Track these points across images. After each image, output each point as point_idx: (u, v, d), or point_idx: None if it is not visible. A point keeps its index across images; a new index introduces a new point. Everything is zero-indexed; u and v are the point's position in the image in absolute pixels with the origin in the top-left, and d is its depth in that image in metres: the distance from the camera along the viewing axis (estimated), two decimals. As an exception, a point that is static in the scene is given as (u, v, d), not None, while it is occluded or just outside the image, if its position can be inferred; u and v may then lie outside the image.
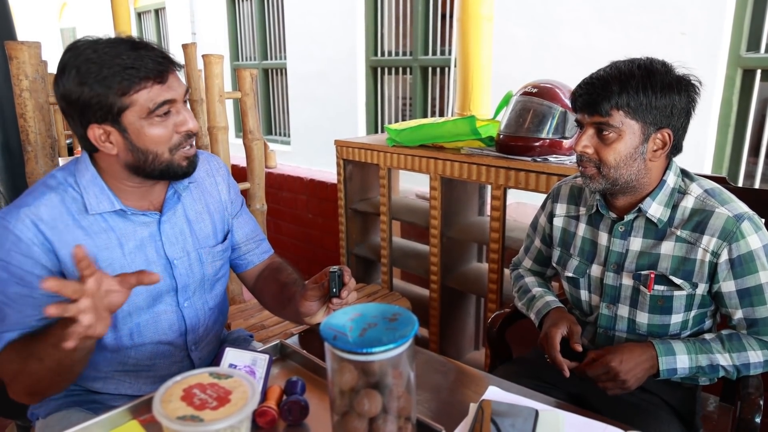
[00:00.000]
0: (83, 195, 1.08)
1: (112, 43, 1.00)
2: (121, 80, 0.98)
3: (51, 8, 9.93)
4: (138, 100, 1.00)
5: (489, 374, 1.11)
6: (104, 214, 1.10)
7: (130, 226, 1.12)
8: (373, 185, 2.78)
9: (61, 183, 1.09)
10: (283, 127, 5.73)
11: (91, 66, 0.98)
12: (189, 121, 1.07)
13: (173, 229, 1.18)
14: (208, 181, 1.28)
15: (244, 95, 2.28)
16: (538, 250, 1.52)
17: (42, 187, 1.09)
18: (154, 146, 1.05)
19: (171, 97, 1.03)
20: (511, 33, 3.42)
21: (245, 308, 2.26)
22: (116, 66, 0.98)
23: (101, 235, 1.09)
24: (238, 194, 1.37)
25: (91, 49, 0.99)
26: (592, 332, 1.37)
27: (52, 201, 1.06)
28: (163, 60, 1.02)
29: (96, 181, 1.09)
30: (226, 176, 1.33)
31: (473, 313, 2.63)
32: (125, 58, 0.98)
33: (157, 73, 1.01)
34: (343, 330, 0.70)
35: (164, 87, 1.02)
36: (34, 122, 1.56)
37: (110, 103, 0.99)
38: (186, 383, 0.81)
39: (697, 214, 1.20)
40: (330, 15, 4.68)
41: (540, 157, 1.94)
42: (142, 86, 1.00)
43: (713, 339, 1.20)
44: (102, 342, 1.15)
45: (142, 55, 1.00)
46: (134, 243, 1.13)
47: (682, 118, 1.18)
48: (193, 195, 1.23)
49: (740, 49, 2.84)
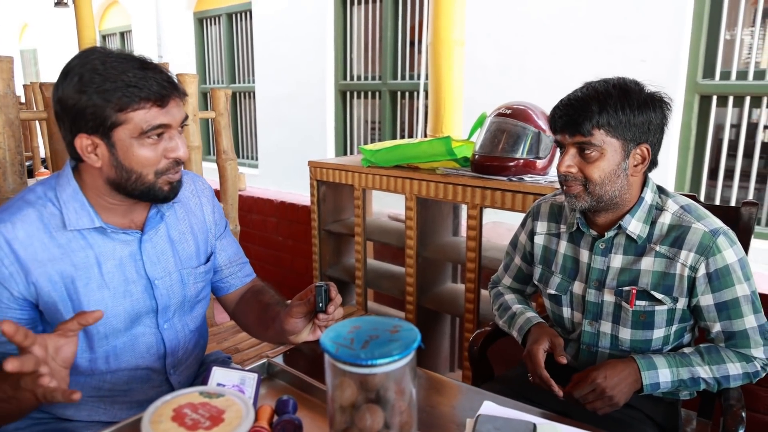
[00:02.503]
0: (62, 210, 1.05)
1: (122, 59, 0.99)
2: (122, 96, 0.97)
3: (11, 29, 9.70)
4: (133, 118, 0.99)
5: (482, 390, 1.10)
6: (83, 231, 1.06)
7: (109, 243, 1.09)
8: (346, 206, 2.77)
9: (40, 197, 1.05)
10: (251, 150, 5.69)
11: (95, 76, 0.97)
12: (180, 149, 1.06)
13: (155, 249, 1.15)
14: (192, 201, 1.25)
15: (218, 115, 2.26)
16: (519, 267, 1.53)
17: (20, 201, 1.05)
18: (139, 167, 1.03)
19: (166, 122, 1.02)
20: (479, 58, 3.50)
21: (218, 331, 2.20)
22: (120, 81, 0.97)
23: (79, 253, 1.06)
24: (222, 216, 1.35)
25: (100, 60, 0.98)
26: (575, 349, 1.38)
27: (30, 217, 1.03)
28: (168, 85, 1.01)
29: (77, 196, 1.06)
30: (211, 197, 1.31)
31: (448, 333, 2.63)
32: (131, 76, 0.97)
33: (159, 96, 1.00)
34: (345, 342, 0.68)
35: (162, 111, 1.01)
36: (4, 138, 1.51)
37: (105, 116, 0.98)
38: (176, 403, 0.78)
39: (674, 229, 1.23)
40: (300, 39, 4.71)
41: (515, 176, 1.97)
42: (140, 106, 0.98)
43: (692, 352, 1.22)
44: (76, 366, 1.10)
45: (148, 75, 0.99)
46: (113, 262, 1.09)
47: (657, 133, 1.22)
48: (177, 214, 1.21)
49: (697, 76, 2.98)
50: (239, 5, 5.34)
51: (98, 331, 1.08)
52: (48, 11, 7.29)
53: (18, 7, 9.18)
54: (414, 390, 0.72)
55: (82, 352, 1.09)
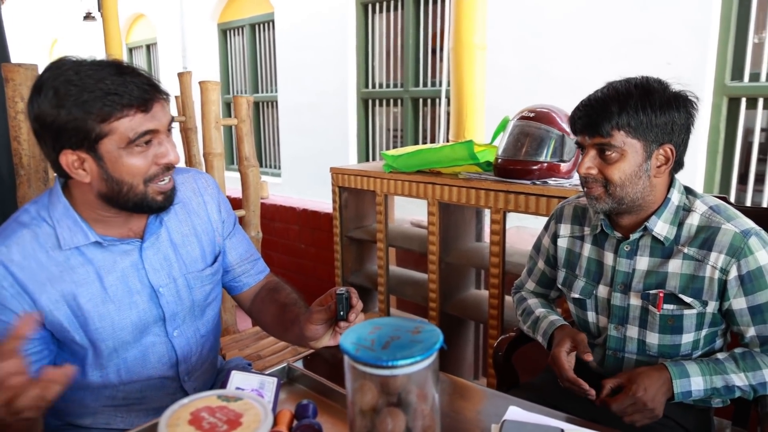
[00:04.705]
0: (56, 229, 1.02)
1: (96, 66, 0.95)
2: (102, 106, 0.92)
3: (41, 45, 9.98)
4: (118, 128, 0.94)
5: (507, 395, 1.07)
6: (80, 248, 1.03)
7: (109, 256, 1.06)
8: (368, 213, 2.77)
9: (34, 218, 1.03)
10: (274, 159, 5.73)
11: (71, 88, 0.92)
12: (170, 153, 1.01)
13: (156, 256, 1.12)
14: (195, 201, 1.21)
15: (240, 122, 2.28)
16: (542, 271, 1.51)
17: (14, 224, 1.03)
18: (129, 177, 0.98)
19: (153, 127, 0.97)
20: (501, 63, 3.47)
21: (240, 338, 2.20)
22: (98, 90, 0.92)
23: (78, 270, 1.03)
24: (230, 212, 1.29)
25: (73, 70, 0.93)
26: (601, 354, 1.34)
27: (24, 239, 1.00)
28: (149, 87, 0.97)
29: (68, 213, 1.03)
30: (216, 194, 1.25)
31: (472, 340, 2.59)
32: (109, 83, 0.92)
33: (141, 101, 0.95)
34: (366, 343, 0.67)
35: (147, 116, 0.96)
36: (28, 145, 1.54)
37: (88, 129, 0.93)
38: (193, 406, 0.77)
39: (703, 230, 1.19)
40: (322, 48, 4.74)
41: (539, 180, 1.94)
42: (123, 114, 0.94)
43: (726, 359, 1.18)
44: (87, 381, 1.09)
45: (127, 81, 0.94)
46: (115, 275, 1.06)
47: (682, 133, 1.18)
48: (178, 217, 1.17)
49: (725, 78, 2.91)
50: (262, 16, 5.40)
51: (107, 346, 1.06)
52: (77, 26, 7.47)
53: (48, 23, 9.44)
54: (437, 393, 0.70)
55: (92, 369, 1.08)
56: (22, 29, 9.50)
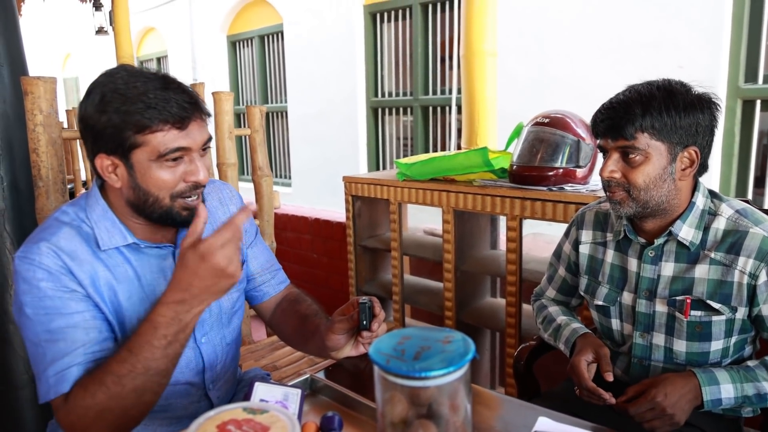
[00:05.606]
0: (95, 230, 1.04)
1: (145, 78, 0.98)
2: (140, 118, 0.95)
3: (55, 59, 10.11)
4: (151, 141, 0.97)
5: (534, 405, 1.05)
6: (119, 248, 1.06)
7: (144, 258, 1.09)
8: (381, 221, 2.75)
9: (74, 219, 1.05)
10: (284, 169, 5.75)
11: (116, 96, 0.96)
12: (200, 172, 1.02)
13: None
14: (221, 211, 1.24)
15: (254, 131, 2.28)
16: (563, 279, 1.48)
17: (56, 222, 1.05)
18: (156, 189, 1.01)
19: (186, 145, 0.99)
20: (511, 69, 3.46)
21: (255, 349, 2.19)
22: (140, 103, 0.95)
23: (119, 268, 1.06)
24: (252, 223, 1.33)
25: (123, 80, 0.97)
26: (626, 363, 1.32)
27: (69, 234, 1.03)
28: (189, 106, 0.99)
29: (107, 215, 1.06)
30: (240, 204, 1.29)
31: (489, 349, 2.56)
32: (152, 97, 0.95)
33: (178, 119, 0.97)
34: (396, 354, 0.65)
35: (182, 134, 0.98)
36: (47, 157, 1.54)
37: (123, 137, 0.96)
38: (219, 419, 0.76)
39: (730, 235, 1.17)
40: (331, 58, 4.75)
41: (555, 186, 1.92)
42: (158, 128, 0.96)
43: (757, 366, 1.16)
44: None
45: (169, 97, 0.97)
46: (151, 275, 1.09)
47: (707, 135, 1.17)
48: (205, 226, 1.19)
49: (738, 81, 2.88)
50: (271, 27, 5.43)
51: None
52: (89, 40, 7.55)
53: (61, 37, 9.57)
54: (469, 405, 0.68)
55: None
56: (37, 43, 9.64)
